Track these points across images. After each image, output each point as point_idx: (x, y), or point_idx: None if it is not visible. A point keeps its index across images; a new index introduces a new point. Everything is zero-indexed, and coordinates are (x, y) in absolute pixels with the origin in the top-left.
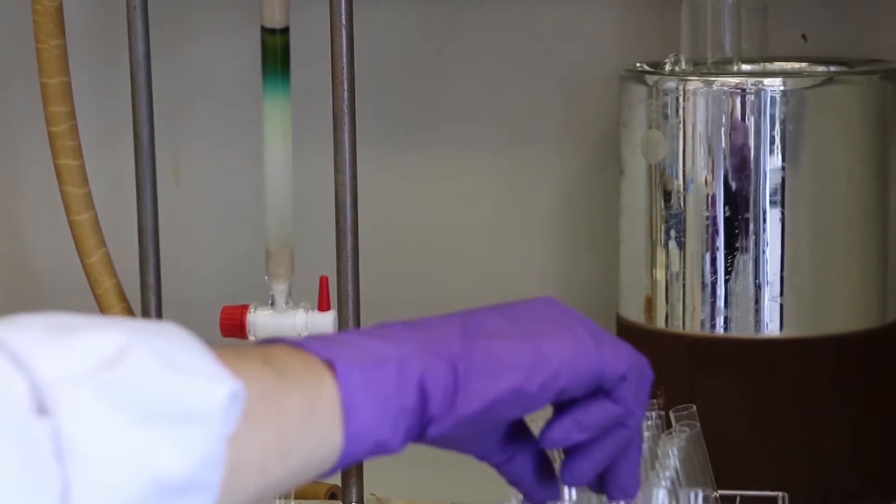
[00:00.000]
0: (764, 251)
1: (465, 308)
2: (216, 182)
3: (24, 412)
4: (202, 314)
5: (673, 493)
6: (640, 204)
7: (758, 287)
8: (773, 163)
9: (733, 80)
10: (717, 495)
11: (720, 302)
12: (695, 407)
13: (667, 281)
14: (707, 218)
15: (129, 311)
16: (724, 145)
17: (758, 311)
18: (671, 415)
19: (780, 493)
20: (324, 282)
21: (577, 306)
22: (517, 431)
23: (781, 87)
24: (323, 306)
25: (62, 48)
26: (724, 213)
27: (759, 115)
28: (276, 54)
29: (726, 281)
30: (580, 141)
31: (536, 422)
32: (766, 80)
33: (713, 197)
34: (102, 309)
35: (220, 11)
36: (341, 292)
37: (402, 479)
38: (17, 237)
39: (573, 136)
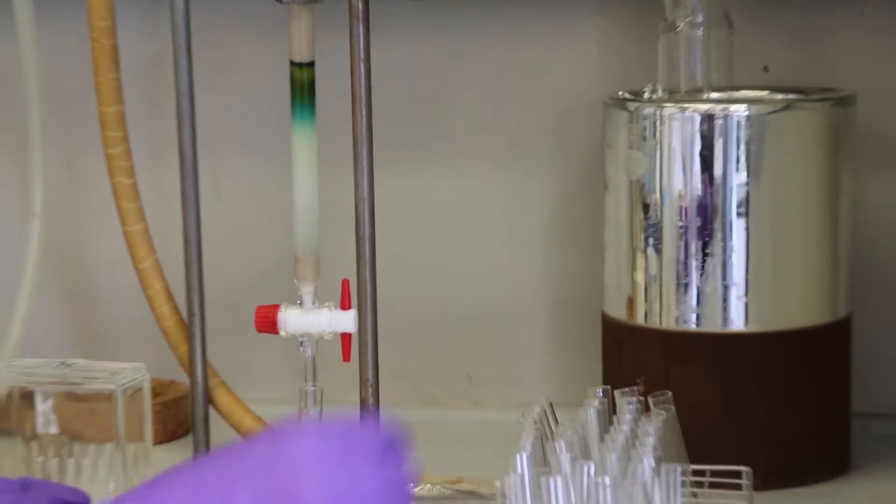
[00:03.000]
0: (731, 256)
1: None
2: (252, 197)
3: None
4: (239, 313)
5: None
6: (623, 215)
7: (725, 287)
8: (738, 179)
9: (703, 107)
10: (690, 469)
11: (692, 301)
12: (670, 393)
13: (646, 283)
14: (681, 227)
15: (176, 311)
16: (695, 164)
17: (725, 308)
18: (650, 400)
19: (745, 468)
20: (345, 284)
21: (567, 306)
22: None
23: (746, 113)
24: (345, 305)
25: (117, 81)
26: (696, 223)
27: (726, 137)
28: (303, 85)
29: (698, 282)
30: (570, 159)
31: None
32: (733, 107)
33: (686, 209)
34: (153, 308)
35: (255, 48)
36: (361, 293)
37: (416, 455)
38: (80, 246)
39: (564, 155)
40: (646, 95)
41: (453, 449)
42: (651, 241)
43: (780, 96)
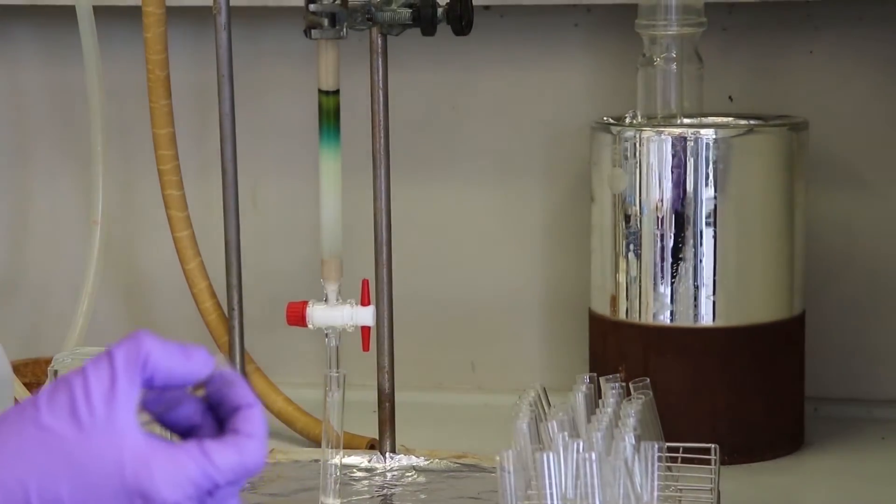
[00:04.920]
0: (701, 261)
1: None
2: (284, 207)
3: None
4: (273, 308)
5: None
6: (607, 224)
7: (696, 288)
8: (707, 193)
9: (677, 131)
10: (666, 447)
11: (667, 299)
12: (648, 380)
13: (627, 283)
14: (657, 235)
15: (218, 307)
16: (670, 180)
17: (696, 306)
18: (630, 385)
19: (713, 445)
20: (365, 283)
21: (557, 304)
22: None
23: (713, 136)
24: (364, 302)
25: (169, 106)
26: (670, 231)
27: (697, 157)
28: (329, 110)
29: (672, 283)
30: (561, 175)
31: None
32: (702, 131)
33: (662, 219)
34: (198, 303)
35: (288, 76)
36: (378, 291)
37: (426, 433)
38: (135, 249)
39: (556, 171)
40: (627, 120)
41: (459, 428)
42: (631, 246)
43: (743, 122)
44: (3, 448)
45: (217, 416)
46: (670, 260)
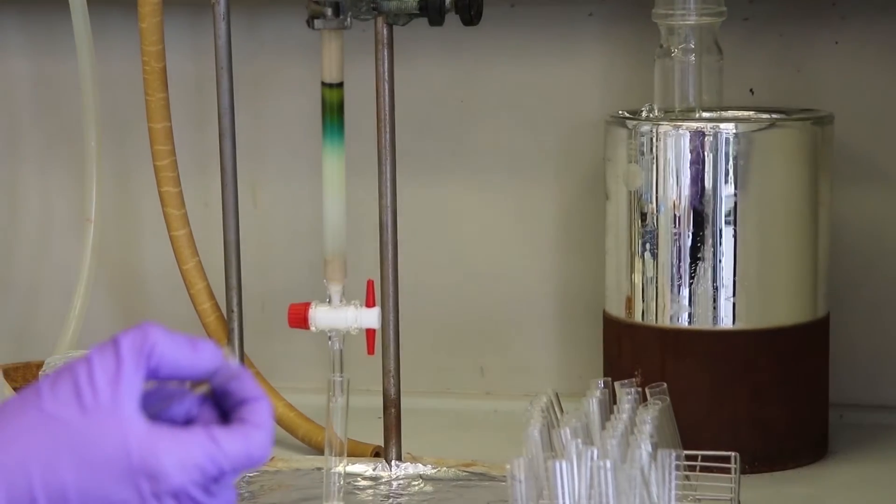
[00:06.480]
0: (720, 261)
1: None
2: (286, 205)
3: None
4: (274, 310)
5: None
6: (622, 223)
7: (715, 289)
8: (727, 190)
9: (695, 125)
10: (684, 455)
11: (685, 301)
12: (665, 384)
13: (643, 284)
14: (675, 234)
15: (216, 308)
16: (688, 176)
17: (715, 308)
18: (647, 391)
19: (733, 453)
20: (370, 284)
21: (570, 305)
22: None
23: (734, 131)
24: (369, 304)
25: (165, 100)
26: (689, 230)
27: (716, 153)
28: (332, 105)
29: (690, 284)
30: (574, 172)
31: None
32: (722, 125)
33: (680, 217)
34: (195, 305)
35: (289, 70)
36: (384, 292)
37: (433, 440)
38: (131, 249)
39: (569, 168)
40: (643, 114)
41: (467, 435)
42: (648, 246)
43: (764, 116)
44: (5, 435)
45: (220, 408)
46: (688, 260)
